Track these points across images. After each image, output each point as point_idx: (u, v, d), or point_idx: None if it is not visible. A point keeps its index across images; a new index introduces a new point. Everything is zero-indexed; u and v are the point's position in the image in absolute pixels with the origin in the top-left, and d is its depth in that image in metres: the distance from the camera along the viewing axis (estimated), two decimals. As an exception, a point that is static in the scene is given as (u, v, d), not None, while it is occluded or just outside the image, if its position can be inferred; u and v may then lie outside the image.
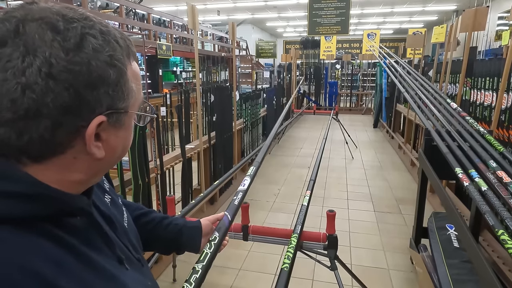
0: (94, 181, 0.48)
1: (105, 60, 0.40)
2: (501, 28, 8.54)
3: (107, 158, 0.44)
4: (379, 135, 7.15)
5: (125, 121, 0.45)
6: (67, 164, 0.42)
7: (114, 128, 0.44)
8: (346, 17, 8.84)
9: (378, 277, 2.30)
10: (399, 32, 17.20)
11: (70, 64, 0.37)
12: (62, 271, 0.39)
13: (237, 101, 4.03)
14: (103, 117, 0.41)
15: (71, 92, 0.37)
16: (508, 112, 2.27)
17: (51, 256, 0.39)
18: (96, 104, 0.40)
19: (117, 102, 0.42)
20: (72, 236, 0.43)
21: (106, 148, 0.43)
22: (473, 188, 1.44)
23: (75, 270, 0.41)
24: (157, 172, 2.42)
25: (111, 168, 0.51)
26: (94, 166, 0.44)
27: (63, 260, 0.40)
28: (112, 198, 0.60)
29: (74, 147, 0.41)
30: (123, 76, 0.42)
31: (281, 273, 1.12)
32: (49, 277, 0.37)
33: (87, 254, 0.44)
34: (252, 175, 1.25)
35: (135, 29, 7.43)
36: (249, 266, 2.41)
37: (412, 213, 2.75)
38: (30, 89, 0.36)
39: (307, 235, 1.59)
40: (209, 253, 0.72)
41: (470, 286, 1.63)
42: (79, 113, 0.39)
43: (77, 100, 0.38)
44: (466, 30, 2.90)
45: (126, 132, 0.47)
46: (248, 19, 14.77)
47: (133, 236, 0.61)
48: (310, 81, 10.89)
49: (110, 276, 0.46)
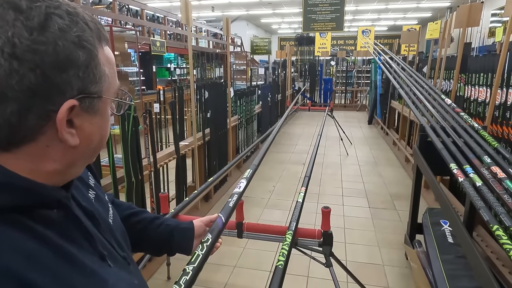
0: (73, 172, 0.46)
1: (73, 40, 0.38)
2: (494, 25, 8.59)
3: (82, 147, 0.42)
4: (374, 132, 7.17)
5: (100, 107, 0.43)
6: (40, 153, 0.39)
7: (88, 114, 0.42)
8: (341, 13, 8.83)
9: (373, 273, 2.31)
10: (393, 28, 17.23)
11: (35, 44, 0.35)
12: (34, 264, 0.37)
13: (232, 98, 4.01)
14: (74, 101, 0.39)
15: (37, 74, 0.35)
16: (502, 108, 2.28)
17: (22, 248, 0.37)
18: (66, 87, 0.38)
19: (89, 86, 0.40)
20: (47, 229, 0.40)
21: (81, 136, 0.41)
22: (467, 184, 1.44)
23: (49, 263, 0.39)
24: (150, 169, 2.40)
25: (92, 159, 0.48)
26: (70, 155, 0.42)
27: (36, 253, 0.38)
28: (97, 194, 0.58)
29: (46, 133, 0.39)
30: (93, 58, 0.40)
31: (276, 270, 1.11)
32: (20, 270, 0.35)
33: (63, 248, 0.41)
34: (248, 178, 1.24)
35: (129, 25, 7.36)
36: (244, 263, 2.40)
37: (406, 209, 2.76)
38: None
39: (302, 232, 1.58)
40: (201, 255, 0.70)
41: (464, 281, 1.64)
42: (48, 96, 0.37)
43: (44, 83, 0.36)
44: (460, 26, 2.90)
45: (101, 119, 0.44)
46: (242, 15, 14.70)
47: (119, 234, 0.59)
48: (305, 78, 10.88)
49: (89, 271, 0.43)
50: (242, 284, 2.20)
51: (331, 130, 6.34)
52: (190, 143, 3.01)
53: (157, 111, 3.30)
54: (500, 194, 1.31)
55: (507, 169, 1.43)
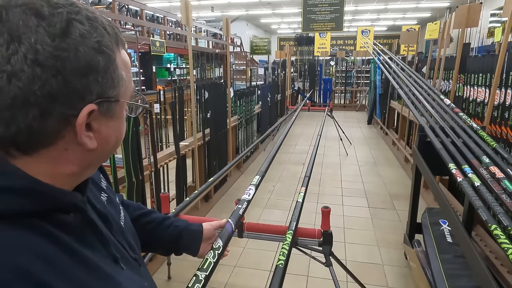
0: (88, 173, 0.46)
1: (93, 46, 0.38)
2: (493, 25, 8.60)
3: (100, 149, 0.43)
4: (373, 132, 7.18)
5: (117, 111, 0.44)
6: (58, 156, 0.40)
7: (105, 117, 0.42)
8: (340, 13, 8.84)
9: (373, 273, 2.32)
10: (393, 29, 17.25)
11: (57, 50, 0.36)
12: (53, 269, 0.37)
13: (232, 98, 4.01)
14: (93, 106, 0.39)
15: (59, 80, 0.36)
16: (501, 108, 2.29)
17: (42, 253, 0.37)
18: (85, 92, 0.38)
19: (107, 90, 0.41)
20: (64, 233, 0.41)
21: (98, 139, 0.42)
22: (466, 184, 1.45)
23: (67, 268, 0.39)
24: (151, 169, 2.41)
25: (105, 160, 0.49)
26: (87, 158, 0.43)
27: (54, 258, 0.38)
28: (109, 197, 0.58)
29: (65, 137, 0.39)
30: (112, 63, 0.41)
31: (276, 270, 1.12)
32: (40, 275, 0.35)
33: (80, 252, 0.42)
34: (256, 185, 1.26)
35: (128, 25, 7.36)
36: (244, 263, 2.41)
37: (406, 208, 2.77)
38: (16, 77, 0.34)
39: (302, 232, 1.59)
40: (212, 262, 0.73)
41: (463, 280, 1.65)
42: (68, 101, 0.37)
43: (65, 88, 0.37)
44: (460, 26, 2.91)
45: (117, 122, 0.45)
46: (242, 15, 14.70)
47: (131, 236, 0.59)
48: (304, 78, 10.89)
49: (104, 275, 0.44)
50: (243, 284, 2.21)
51: (331, 130, 6.35)
52: (190, 143, 3.01)
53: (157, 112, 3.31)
54: (498, 194, 1.32)
55: (505, 169, 1.44)
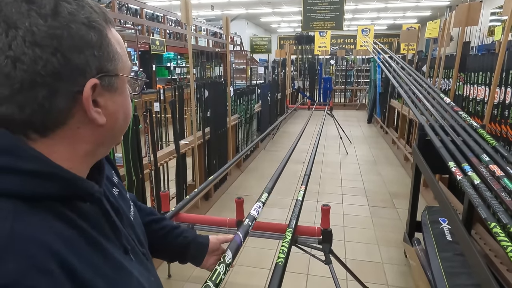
0: (101, 152, 0.49)
1: (83, 22, 0.41)
2: (493, 24, 8.60)
3: (109, 125, 0.45)
4: (373, 130, 7.19)
5: (118, 85, 0.46)
6: (73, 136, 0.43)
7: (109, 92, 0.45)
8: (340, 12, 8.83)
9: (372, 271, 2.32)
10: (393, 27, 17.23)
11: (51, 29, 0.38)
12: (74, 250, 0.39)
13: (232, 97, 4.01)
14: (95, 80, 0.42)
15: (58, 57, 0.38)
16: (501, 107, 2.29)
17: (63, 235, 0.39)
18: (85, 67, 0.41)
19: (105, 64, 0.43)
20: (82, 220, 0.43)
21: (107, 115, 0.44)
22: (466, 182, 1.45)
23: (86, 252, 0.41)
24: (151, 168, 2.41)
25: (117, 140, 0.51)
26: (98, 135, 0.45)
27: (74, 241, 0.40)
28: (120, 191, 0.60)
29: (75, 116, 0.42)
30: (104, 38, 0.43)
31: (276, 268, 1.12)
32: (63, 253, 0.37)
33: (96, 239, 0.44)
34: (264, 201, 1.33)
35: (128, 24, 7.36)
36: (244, 261, 2.41)
37: (405, 207, 2.77)
38: (20, 60, 0.37)
39: (302, 230, 1.59)
40: (221, 273, 0.80)
41: (463, 278, 1.65)
42: (71, 77, 0.40)
43: (66, 65, 0.39)
44: (460, 25, 2.91)
45: (122, 97, 0.47)
46: (242, 14, 14.69)
47: (140, 231, 0.61)
48: (304, 77, 10.89)
49: (118, 264, 0.46)
50: (242, 282, 2.21)
51: (331, 129, 6.35)
52: (190, 142, 3.02)
53: (157, 110, 3.31)
54: (498, 192, 1.32)
55: (505, 167, 1.44)
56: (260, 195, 1.47)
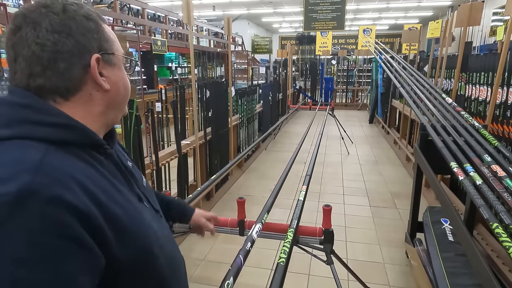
0: (111, 115, 0.62)
1: (84, 15, 0.57)
2: (496, 24, 8.57)
3: (113, 91, 0.60)
4: (375, 131, 7.18)
5: (116, 62, 0.62)
6: (87, 100, 0.57)
7: (110, 66, 0.60)
8: (342, 12, 8.82)
9: (374, 271, 2.32)
10: (394, 27, 17.20)
11: (63, 21, 0.54)
12: (94, 183, 0.51)
13: (233, 97, 4.02)
14: (97, 55, 0.57)
15: (70, 40, 0.54)
16: (503, 107, 2.28)
17: (83, 170, 0.52)
18: (89, 46, 0.57)
19: (103, 44, 0.59)
20: (99, 165, 0.56)
21: (110, 83, 0.60)
22: (468, 182, 1.45)
23: (104, 185, 0.53)
24: (152, 168, 2.41)
25: (122, 105, 0.65)
26: (107, 99, 0.60)
27: (93, 176, 0.52)
28: (133, 165, 0.71)
29: (87, 84, 0.57)
30: (99, 26, 0.59)
31: (277, 268, 1.12)
32: (82, 181, 0.49)
33: (112, 181, 0.57)
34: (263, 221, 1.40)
35: (130, 24, 7.37)
36: (245, 261, 2.41)
37: (407, 207, 2.77)
38: (45, 45, 0.53)
39: (303, 230, 1.59)
40: None
41: (464, 278, 1.65)
42: (81, 53, 0.55)
43: (76, 44, 0.55)
44: (461, 25, 2.91)
45: (120, 72, 0.63)
46: (243, 14, 14.69)
47: (152, 195, 0.73)
48: (306, 77, 10.88)
49: (135, 206, 0.59)
50: (244, 282, 2.21)
51: (332, 129, 6.34)
52: (191, 142, 3.02)
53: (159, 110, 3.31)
54: (500, 192, 1.32)
55: (507, 168, 1.44)
56: (260, 215, 1.46)
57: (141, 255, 0.56)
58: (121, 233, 0.52)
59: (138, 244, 0.55)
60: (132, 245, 0.54)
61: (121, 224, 0.52)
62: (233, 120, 3.94)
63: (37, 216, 0.43)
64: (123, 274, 0.53)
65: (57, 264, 0.43)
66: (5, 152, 0.48)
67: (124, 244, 0.52)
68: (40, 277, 0.42)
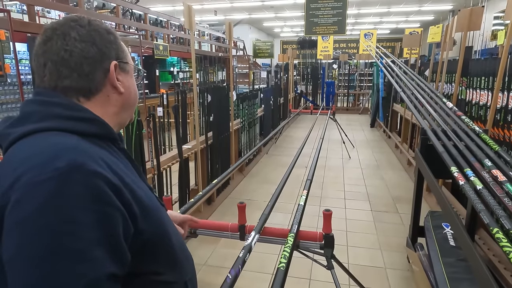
0: (124, 115, 0.71)
1: (105, 29, 0.68)
2: (496, 28, 8.59)
3: (126, 95, 0.70)
4: (376, 135, 7.17)
5: (128, 70, 0.72)
6: (105, 101, 0.67)
7: (124, 73, 0.70)
8: (343, 17, 8.85)
9: (375, 276, 2.31)
10: (395, 32, 17.24)
11: (88, 32, 0.65)
12: (117, 168, 0.59)
13: (234, 101, 4.03)
14: (115, 62, 0.67)
15: (94, 48, 0.64)
16: (503, 111, 2.28)
17: (107, 156, 0.60)
18: (109, 54, 0.67)
19: (120, 53, 0.69)
20: (117, 155, 0.65)
21: (124, 87, 0.69)
22: (468, 187, 1.45)
23: (130, 175, 0.62)
24: (154, 172, 2.42)
25: (132, 109, 0.74)
26: (121, 100, 0.69)
27: (115, 162, 0.61)
28: (139, 169, 0.78)
29: (106, 86, 0.66)
30: (117, 39, 0.70)
31: (277, 273, 1.12)
32: (108, 162, 0.57)
33: (133, 171, 0.67)
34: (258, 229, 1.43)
35: (132, 29, 7.42)
36: (246, 266, 2.38)
37: (408, 212, 2.76)
38: (74, 51, 0.62)
39: (304, 235, 1.59)
40: None
41: (466, 284, 1.64)
42: (102, 60, 0.65)
43: (99, 52, 0.65)
44: (462, 29, 2.92)
45: (131, 79, 0.73)
46: (245, 19, 14.76)
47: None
48: (307, 81, 10.90)
49: (150, 194, 0.67)
50: (244, 287, 2.20)
51: (334, 133, 6.34)
52: (193, 147, 3.03)
53: (160, 115, 3.33)
54: (501, 197, 1.32)
55: (508, 173, 1.44)
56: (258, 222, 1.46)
57: (159, 228, 0.65)
58: (144, 210, 0.60)
59: (156, 221, 0.64)
60: (152, 221, 0.63)
61: (144, 203, 0.61)
62: (234, 124, 3.95)
63: (86, 185, 0.51)
64: (146, 247, 0.61)
65: (104, 225, 0.52)
66: (47, 139, 0.56)
67: (147, 220, 0.61)
68: (88, 236, 0.50)
